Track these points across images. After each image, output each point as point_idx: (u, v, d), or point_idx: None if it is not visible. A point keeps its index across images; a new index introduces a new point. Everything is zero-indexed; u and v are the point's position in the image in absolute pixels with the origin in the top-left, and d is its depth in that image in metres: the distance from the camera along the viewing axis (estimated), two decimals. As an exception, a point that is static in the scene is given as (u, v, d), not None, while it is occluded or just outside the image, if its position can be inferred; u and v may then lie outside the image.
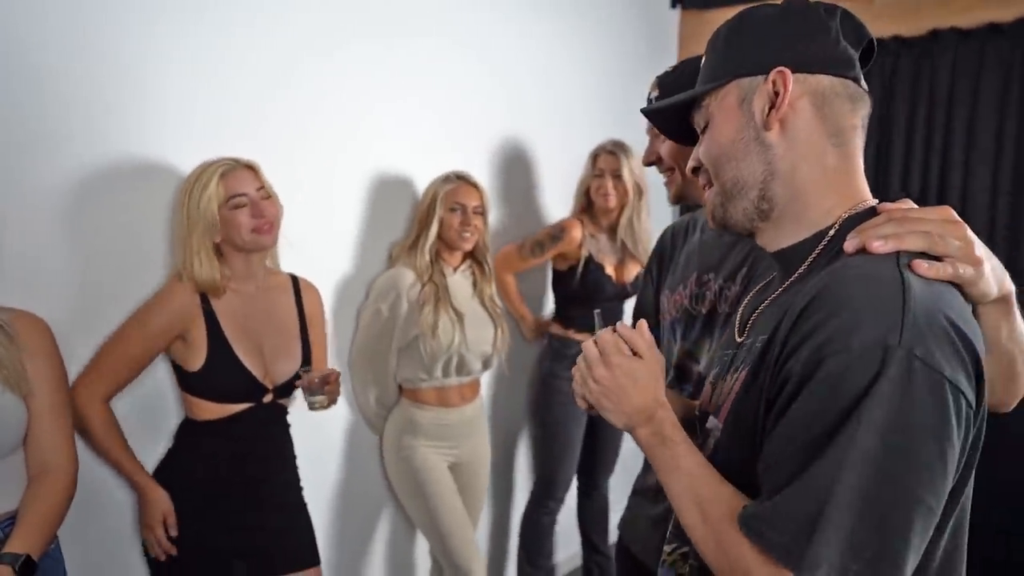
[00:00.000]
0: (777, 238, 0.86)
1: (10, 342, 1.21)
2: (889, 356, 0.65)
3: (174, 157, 1.63)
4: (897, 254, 0.73)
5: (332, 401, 1.65)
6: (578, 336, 2.48)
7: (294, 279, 1.75)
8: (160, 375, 1.65)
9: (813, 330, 0.70)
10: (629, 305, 2.56)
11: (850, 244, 0.77)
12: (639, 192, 2.43)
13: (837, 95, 0.81)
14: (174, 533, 1.54)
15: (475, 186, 2.06)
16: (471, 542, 2.06)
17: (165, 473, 1.59)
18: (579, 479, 2.68)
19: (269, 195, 1.60)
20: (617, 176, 2.40)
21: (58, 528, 1.25)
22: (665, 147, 1.28)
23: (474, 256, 2.14)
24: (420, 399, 2.06)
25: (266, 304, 1.66)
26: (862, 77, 0.84)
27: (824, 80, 0.81)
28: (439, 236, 2.03)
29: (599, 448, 2.61)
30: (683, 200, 1.33)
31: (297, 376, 1.63)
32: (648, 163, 1.34)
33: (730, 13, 0.91)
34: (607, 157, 2.42)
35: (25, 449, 1.25)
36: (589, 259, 2.45)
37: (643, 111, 1.07)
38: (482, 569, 2.07)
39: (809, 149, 0.81)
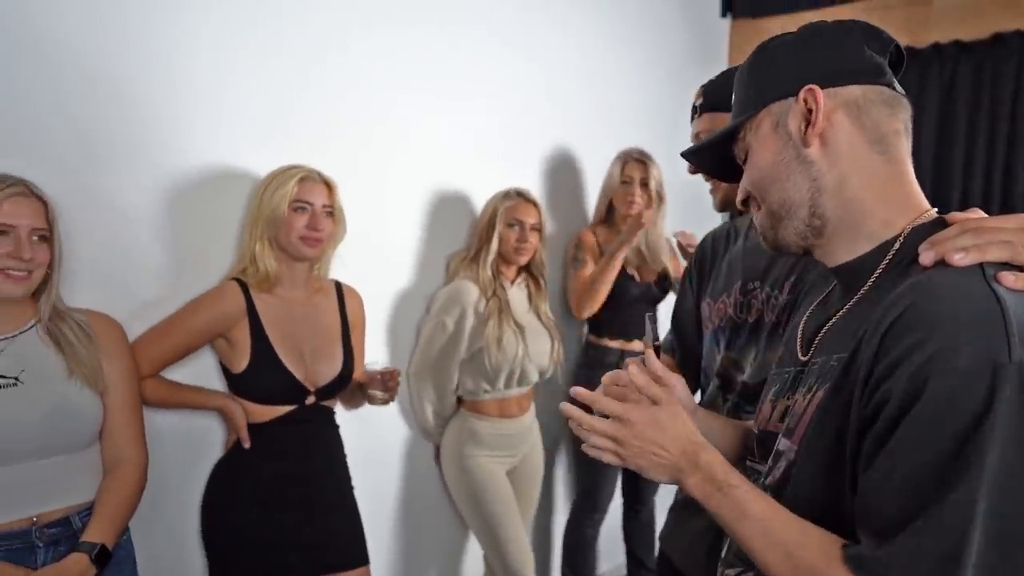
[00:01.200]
0: (835, 253, 0.84)
1: (89, 342, 1.29)
2: (1001, 375, 0.63)
3: (241, 166, 1.70)
4: (981, 266, 0.71)
5: (391, 398, 1.73)
6: (611, 342, 2.49)
7: (337, 284, 1.80)
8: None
9: (911, 350, 0.67)
10: (662, 307, 2.55)
11: (926, 256, 0.74)
12: (660, 200, 2.46)
13: (872, 102, 0.81)
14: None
15: (533, 203, 2.10)
16: (526, 549, 2.10)
17: (220, 474, 1.65)
18: (624, 496, 2.67)
19: (332, 213, 1.66)
20: (644, 184, 2.42)
21: (130, 519, 1.32)
22: None
23: (529, 270, 2.18)
24: (481, 410, 2.10)
25: (308, 309, 1.71)
26: (896, 82, 0.83)
27: (855, 90, 0.81)
28: (498, 250, 2.07)
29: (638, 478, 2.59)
30: (729, 207, 1.33)
31: (338, 379, 1.69)
32: (694, 171, 1.34)
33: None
34: (635, 165, 2.44)
35: (101, 443, 1.33)
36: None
37: (683, 154, 1.05)
38: (533, 574, 2.09)
39: (853, 160, 0.80)
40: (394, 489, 2.17)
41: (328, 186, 1.66)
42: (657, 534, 2.72)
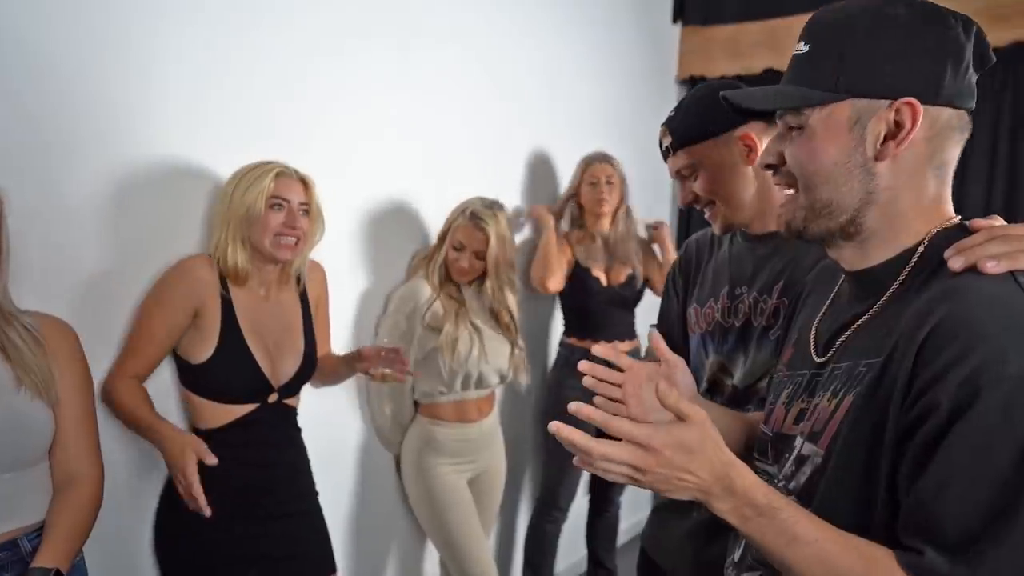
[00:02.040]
0: (858, 258, 0.83)
1: (39, 348, 1.18)
2: None
3: (204, 161, 1.61)
4: (1012, 273, 0.72)
5: (397, 376, 1.69)
6: (581, 344, 2.50)
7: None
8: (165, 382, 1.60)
9: (955, 361, 0.67)
10: (641, 312, 2.57)
11: (956, 262, 0.74)
12: (626, 194, 2.51)
13: (952, 128, 0.78)
14: (209, 460, 1.44)
15: (484, 230, 1.98)
16: (487, 559, 2.06)
17: (173, 489, 1.52)
18: (591, 495, 2.67)
19: (309, 211, 1.58)
20: (610, 183, 2.46)
21: (85, 540, 1.21)
22: (699, 184, 1.27)
23: (485, 275, 2.08)
24: (438, 415, 2.04)
25: (275, 306, 1.64)
26: None
27: (945, 113, 0.76)
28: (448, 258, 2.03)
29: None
30: (731, 229, 1.32)
31: (302, 378, 1.63)
32: (687, 204, 1.33)
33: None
34: (601, 166, 2.48)
35: (51, 458, 1.22)
36: (577, 264, 2.49)
37: (723, 96, 0.91)
38: (496, 584, 2.05)
39: (913, 181, 0.78)
40: (353, 492, 2.10)
41: (304, 183, 1.58)
42: (619, 534, 2.75)
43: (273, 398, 1.59)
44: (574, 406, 0.76)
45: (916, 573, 0.67)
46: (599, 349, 0.94)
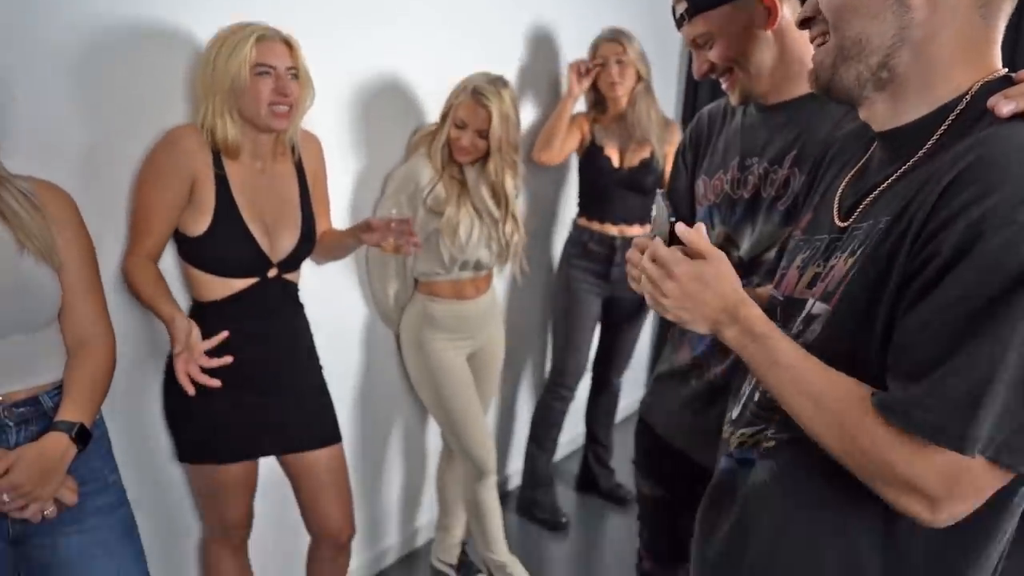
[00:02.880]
0: (890, 114, 0.80)
1: (38, 213, 1.17)
2: None
3: (191, 17, 1.54)
4: None
5: (405, 250, 1.66)
6: (592, 225, 2.51)
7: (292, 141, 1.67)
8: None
9: (969, 204, 0.65)
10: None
11: (1004, 107, 0.70)
12: (646, 70, 2.42)
13: None
14: (207, 361, 1.46)
15: (486, 107, 1.92)
16: (485, 434, 2.13)
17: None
18: (594, 373, 2.75)
19: (297, 75, 1.52)
20: (620, 62, 2.37)
21: (104, 398, 1.26)
22: (715, 52, 1.23)
23: (488, 155, 2.05)
24: (435, 292, 2.06)
25: (270, 179, 1.60)
26: None
27: None
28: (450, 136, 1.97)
29: (615, 344, 2.68)
30: (749, 99, 1.28)
31: (302, 252, 1.62)
32: (703, 74, 1.28)
33: None
34: (608, 44, 2.39)
35: (61, 324, 1.24)
36: (592, 143, 2.46)
37: None
38: (494, 460, 2.16)
39: (953, 18, 0.73)
40: (357, 370, 2.16)
41: (289, 45, 1.50)
42: (617, 412, 2.86)
43: (273, 273, 1.59)
44: (637, 239, 0.91)
45: (878, 404, 0.71)
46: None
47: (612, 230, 2.49)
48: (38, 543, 1.19)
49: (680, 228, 0.85)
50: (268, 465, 1.74)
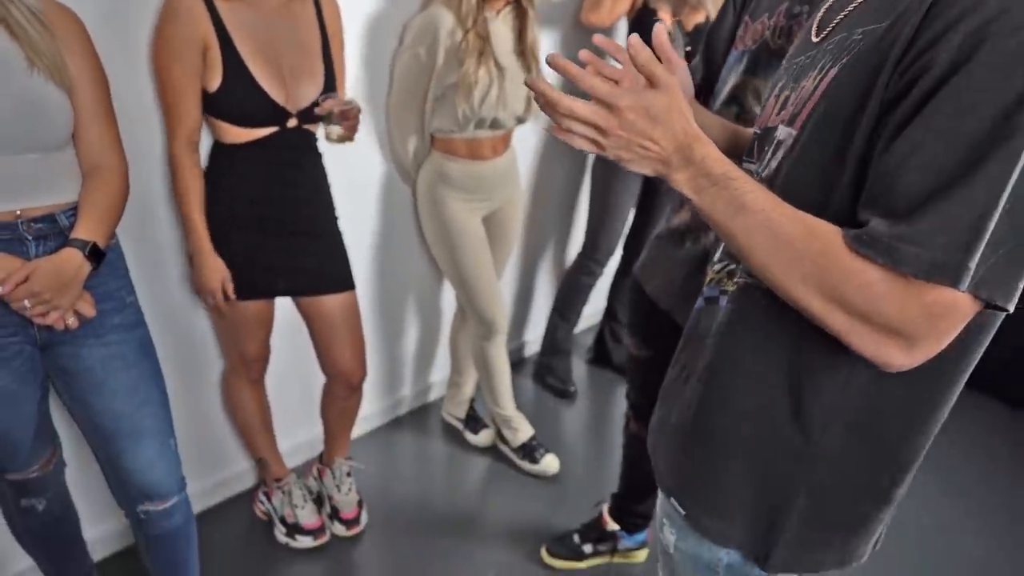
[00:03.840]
0: None
1: (46, 31, 1.17)
2: None
3: None
4: None
5: (349, 137, 1.65)
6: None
7: None
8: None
9: (965, 12, 0.59)
10: None
11: None
12: None
13: None
14: (231, 295, 1.62)
15: None
16: (496, 295, 2.16)
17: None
18: (624, 251, 2.75)
19: None
20: None
21: (117, 223, 1.30)
22: None
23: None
24: (451, 151, 2.04)
25: (285, 21, 1.56)
26: None
27: None
28: None
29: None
30: None
31: (316, 103, 1.60)
32: None
33: None
34: None
35: (76, 147, 1.27)
36: (644, 5, 2.33)
37: None
38: (504, 320, 2.20)
39: None
40: (374, 226, 2.20)
41: None
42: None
43: (292, 123, 1.59)
44: (550, 56, 0.73)
45: (856, 243, 0.65)
46: (598, 39, 0.88)
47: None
48: (62, 351, 1.28)
49: (632, 39, 0.72)
50: (285, 306, 1.82)
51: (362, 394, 1.94)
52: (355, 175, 2.02)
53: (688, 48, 0.82)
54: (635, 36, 0.73)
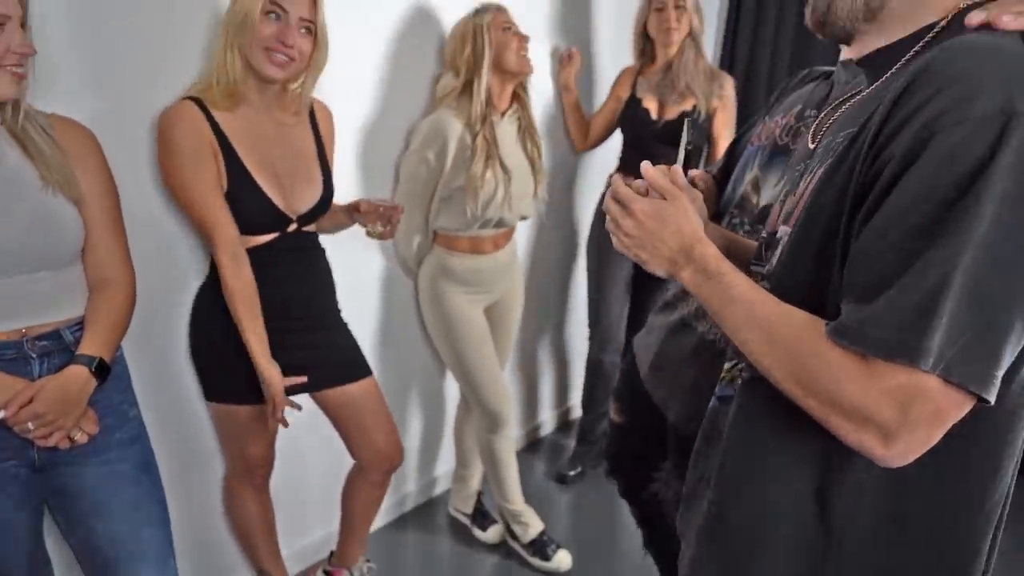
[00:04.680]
0: (874, 42, 0.79)
1: (56, 146, 1.19)
2: (1013, 124, 0.59)
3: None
4: (1022, 33, 0.67)
5: (390, 234, 1.68)
6: (624, 178, 2.44)
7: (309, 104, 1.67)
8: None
9: (919, 107, 0.62)
10: None
11: (974, 17, 0.69)
12: (700, 22, 2.34)
13: None
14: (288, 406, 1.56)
15: (507, 11, 1.97)
16: (501, 387, 2.14)
17: (205, 298, 1.60)
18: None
19: (312, 30, 1.49)
20: (679, 6, 2.30)
21: (123, 336, 1.29)
22: None
23: (516, 94, 2.05)
24: (454, 246, 2.07)
25: (280, 129, 1.58)
26: None
27: None
28: (495, 66, 1.93)
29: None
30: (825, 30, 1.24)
31: (320, 207, 1.62)
32: None
33: None
34: None
35: (84, 262, 1.27)
36: (632, 96, 2.41)
37: None
38: (511, 411, 2.17)
39: None
40: (376, 322, 2.19)
41: None
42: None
43: (292, 228, 1.60)
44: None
45: (832, 332, 0.67)
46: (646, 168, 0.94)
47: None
48: (61, 472, 1.25)
49: (644, 166, 0.87)
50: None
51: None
52: (355, 270, 2.03)
53: (690, 146, 0.91)
54: (646, 165, 0.87)
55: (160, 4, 1.49)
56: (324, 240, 1.73)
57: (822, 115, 0.91)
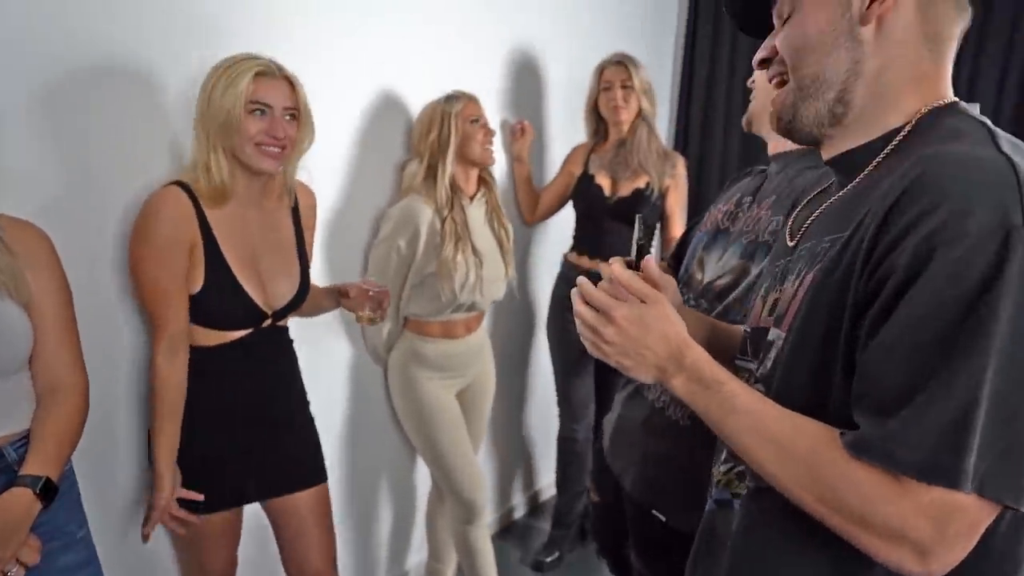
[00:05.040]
0: (841, 145, 0.81)
1: (6, 248, 1.12)
2: (1014, 237, 0.61)
3: (172, 59, 1.50)
4: (993, 136, 0.70)
5: (381, 318, 1.64)
6: (582, 261, 2.46)
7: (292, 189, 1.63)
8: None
9: (917, 220, 0.64)
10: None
11: None
12: (650, 103, 2.37)
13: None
14: (185, 504, 1.47)
15: (478, 102, 1.99)
16: (476, 474, 2.07)
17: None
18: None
19: (296, 116, 1.46)
20: (626, 86, 2.32)
21: (72, 451, 1.20)
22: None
23: (483, 179, 2.06)
24: (425, 332, 2.03)
25: (266, 223, 1.55)
26: None
27: None
28: (459, 155, 1.94)
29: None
30: (750, 128, 1.36)
31: (299, 301, 1.57)
32: (761, 61, 1.14)
33: None
34: (614, 68, 2.35)
35: (32, 368, 1.18)
36: (585, 172, 2.43)
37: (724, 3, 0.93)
38: (486, 500, 2.09)
39: (902, 51, 0.76)
40: (343, 408, 2.11)
41: (290, 83, 1.44)
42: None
43: (267, 323, 1.54)
44: (579, 280, 0.85)
45: (851, 447, 0.66)
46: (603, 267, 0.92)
47: (604, 267, 2.44)
48: (-1, 605, 1.13)
49: (613, 267, 0.82)
50: (250, 509, 1.68)
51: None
52: (321, 355, 1.96)
53: (641, 241, 0.89)
54: (617, 267, 0.83)
55: (123, 95, 1.45)
56: (292, 327, 1.67)
57: (796, 212, 0.92)
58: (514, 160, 2.49)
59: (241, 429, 1.54)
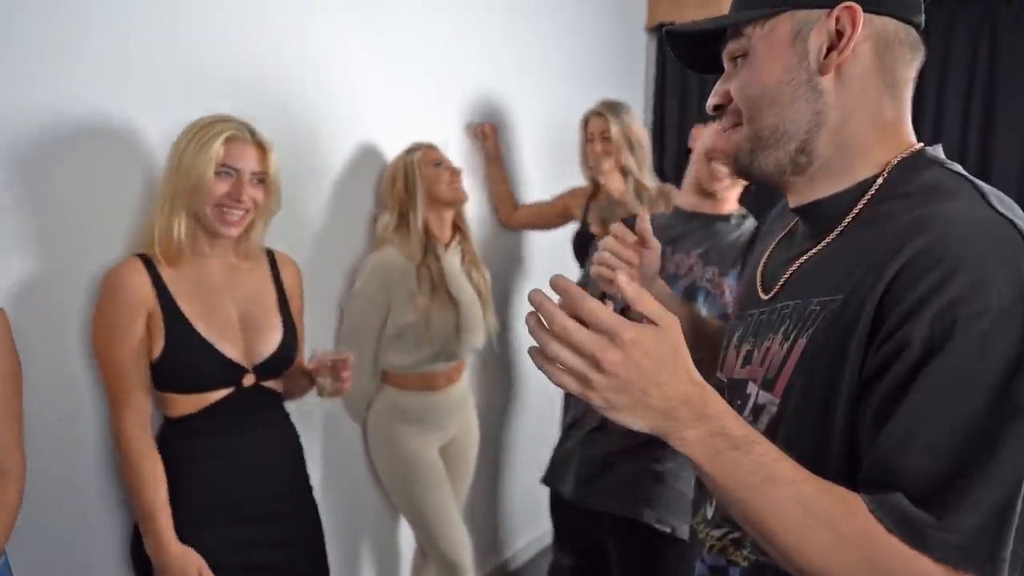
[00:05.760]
0: (808, 192, 0.78)
1: None
2: None
3: (138, 122, 1.47)
4: (982, 193, 0.67)
5: (344, 390, 1.54)
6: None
7: (269, 252, 1.58)
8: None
9: (931, 293, 0.61)
10: None
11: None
12: (631, 151, 2.27)
13: (900, 42, 0.74)
14: None
15: (437, 148, 1.98)
16: (459, 534, 2.00)
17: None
18: None
19: (264, 180, 1.43)
20: (605, 138, 2.26)
21: (6, 540, 1.13)
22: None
23: (457, 226, 2.03)
24: (405, 384, 1.97)
25: (234, 275, 1.48)
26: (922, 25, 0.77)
27: (890, 24, 0.73)
28: (429, 199, 1.91)
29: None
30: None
31: (284, 356, 1.49)
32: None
33: None
34: (595, 120, 2.30)
35: None
36: (583, 222, 2.40)
37: (666, 31, 0.85)
38: (469, 561, 2.02)
39: (863, 100, 0.74)
40: (320, 466, 2.02)
41: (261, 148, 1.41)
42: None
43: (249, 380, 1.45)
44: (553, 279, 0.63)
45: (882, 511, 0.61)
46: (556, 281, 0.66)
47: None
48: None
49: (619, 278, 0.60)
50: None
51: None
52: (297, 413, 1.88)
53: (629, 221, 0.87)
54: (622, 277, 0.61)
55: (87, 168, 1.40)
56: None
57: (763, 261, 0.88)
58: (487, 160, 2.44)
59: (227, 516, 1.41)
